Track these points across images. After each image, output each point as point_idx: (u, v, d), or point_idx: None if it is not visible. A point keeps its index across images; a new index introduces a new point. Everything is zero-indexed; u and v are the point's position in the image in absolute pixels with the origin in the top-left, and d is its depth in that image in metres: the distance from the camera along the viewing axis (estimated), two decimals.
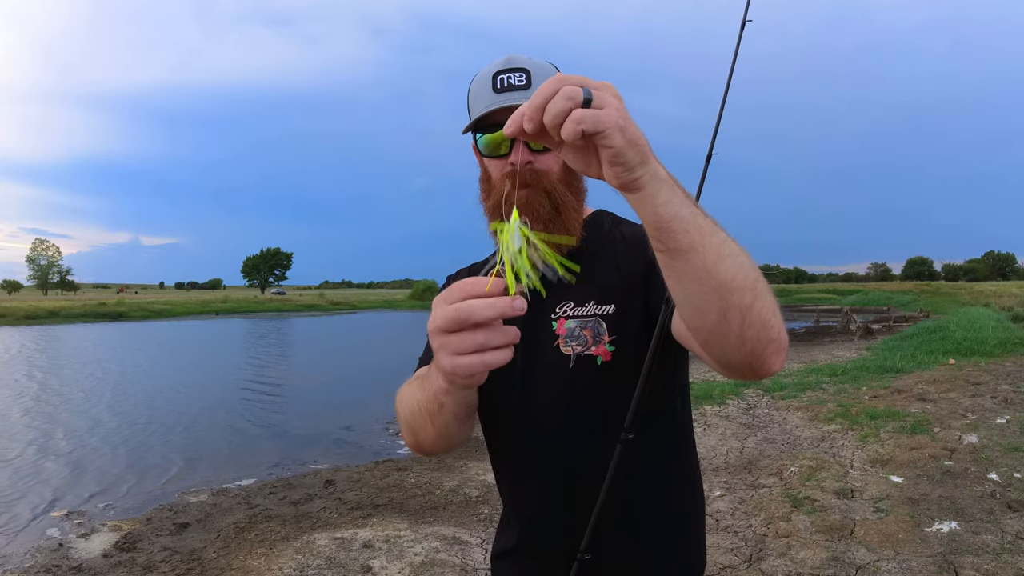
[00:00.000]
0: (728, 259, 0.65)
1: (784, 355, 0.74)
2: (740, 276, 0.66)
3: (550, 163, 1.01)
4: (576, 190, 1.04)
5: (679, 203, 0.63)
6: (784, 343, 0.72)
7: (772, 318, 0.69)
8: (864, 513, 4.01)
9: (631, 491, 1.02)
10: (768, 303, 0.68)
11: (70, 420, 9.39)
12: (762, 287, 0.68)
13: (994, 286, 51.99)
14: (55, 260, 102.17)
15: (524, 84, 0.97)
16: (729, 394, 8.37)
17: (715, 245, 0.65)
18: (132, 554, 4.20)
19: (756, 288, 0.67)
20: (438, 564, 3.63)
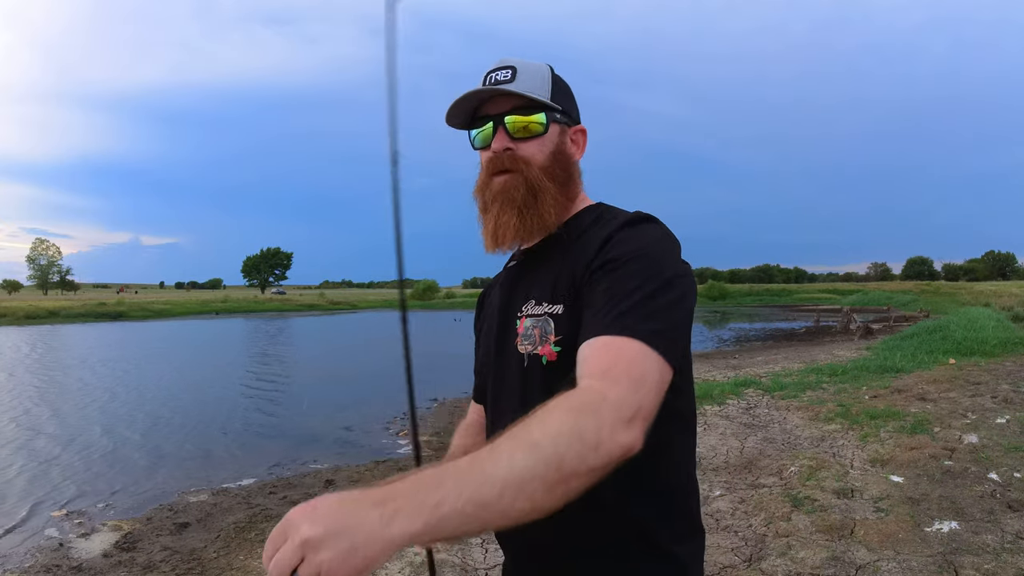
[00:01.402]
0: (481, 508, 0.62)
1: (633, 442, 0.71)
2: (500, 501, 0.63)
3: (532, 151, 1.03)
4: (559, 179, 1.04)
5: (418, 527, 0.60)
6: (629, 441, 0.71)
7: (535, 484, 0.64)
8: (864, 513, 4.01)
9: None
10: (526, 487, 0.64)
11: (70, 420, 9.38)
12: (511, 490, 0.63)
13: (994, 286, 52.00)
14: (55, 260, 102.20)
15: (509, 79, 1.01)
16: (729, 394, 8.37)
17: (464, 520, 0.61)
18: (132, 554, 4.20)
19: (506, 497, 0.63)
20: (438, 564, 3.63)
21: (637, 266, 0.88)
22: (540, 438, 0.66)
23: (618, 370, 0.77)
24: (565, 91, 1.08)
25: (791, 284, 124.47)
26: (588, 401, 0.72)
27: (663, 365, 0.81)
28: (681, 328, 0.88)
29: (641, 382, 0.77)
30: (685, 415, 1.01)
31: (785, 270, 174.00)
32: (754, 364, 12.68)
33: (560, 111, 1.05)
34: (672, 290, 0.87)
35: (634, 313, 0.83)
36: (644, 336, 0.81)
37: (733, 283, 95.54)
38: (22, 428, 8.84)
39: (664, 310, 0.85)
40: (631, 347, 0.80)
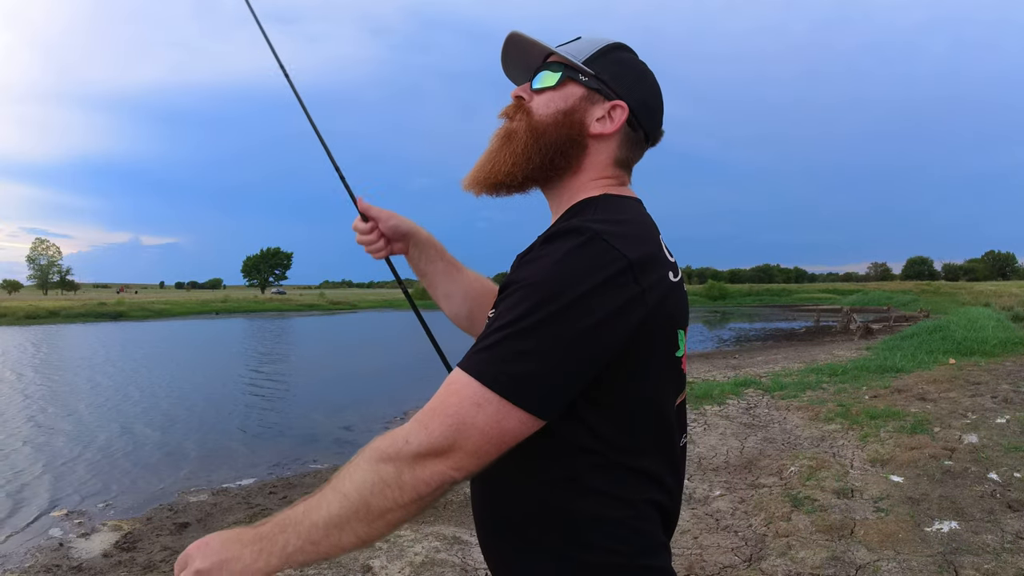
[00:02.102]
0: (316, 545, 0.77)
1: (446, 480, 0.77)
2: (328, 540, 0.77)
3: (538, 103, 0.98)
4: (549, 139, 0.96)
5: (275, 563, 0.78)
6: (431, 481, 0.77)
7: (353, 526, 0.76)
8: (864, 513, 4.01)
9: (481, 501, 0.97)
10: (390, 490, 0.76)
11: (70, 420, 9.39)
12: (335, 531, 0.77)
13: (994, 286, 51.99)
14: (55, 260, 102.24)
15: (567, 43, 1.01)
16: (729, 394, 8.38)
17: (307, 554, 0.77)
18: (132, 554, 4.20)
19: (332, 536, 0.77)
20: (438, 564, 3.63)
21: (517, 296, 0.80)
22: (348, 490, 0.77)
23: (434, 407, 0.78)
24: (617, 64, 0.99)
25: (791, 284, 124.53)
26: (389, 448, 0.77)
27: (499, 404, 0.76)
28: (553, 360, 0.77)
29: (455, 419, 0.76)
30: (599, 450, 0.85)
31: (785, 270, 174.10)
32: (754, 364, 12.68)
33: (591, 75, 0.96)
34: (548, 322, 0.76)
35: (487, 348, 0.78)
36: (478, 372, 0.77)
37: (733, 283, 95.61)
38: (22, 428, 8.84)
39: (527, 344, 0.76)
40: (459, 382, 0.78)
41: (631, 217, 0.92)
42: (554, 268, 0.80)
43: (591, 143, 0.98)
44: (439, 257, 1.30)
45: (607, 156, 0.99)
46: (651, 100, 1.01)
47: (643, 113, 1.00)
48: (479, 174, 1.00)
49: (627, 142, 1.00)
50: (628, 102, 0.97)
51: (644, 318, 0.82)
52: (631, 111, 0.98)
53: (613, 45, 1.00)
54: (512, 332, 0.78)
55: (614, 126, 0.97)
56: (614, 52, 1.00)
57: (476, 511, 0.99)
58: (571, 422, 0.84)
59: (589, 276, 0.79)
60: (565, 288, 0.78)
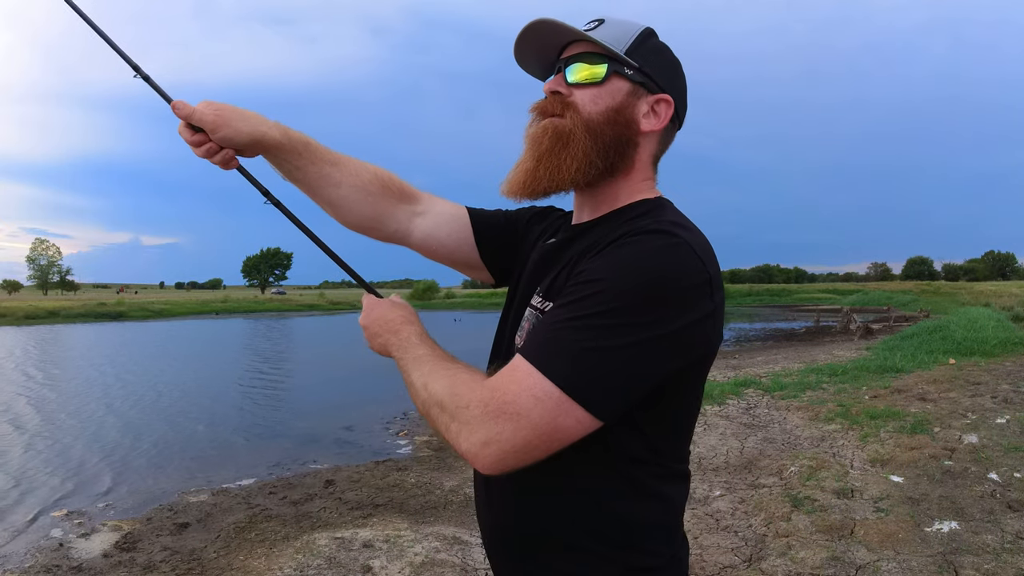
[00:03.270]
0: (415, 397, 0.89)
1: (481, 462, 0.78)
2: (420, 406, 0.88)
3: (584, 99, 0.91)
4: (604, 138, 0.90)
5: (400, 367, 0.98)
6: (472, 455, 0.78)
7: (447, 433, 0.82)
8: (864, 513, 4.01)
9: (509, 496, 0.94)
10: (441, 422, 0.83)
11: (70, 420, 9.39)
12: (435, 412, 0.84)
13: (994, 286, 52.01)
14: (55, 260, 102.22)
15: (592, 28, 0.92)
16: (729, 394, 8.37)
17: (410, 385, 0.91)
18: (132, 554, 4.20)
19: (430, 413, 0.85)
20: (438, 564, 3.63)
21: (594, 289, 0.77)
22: (432, 388, 0.85)
23: (495, 388, 0.78)
24: (655, 53, 0.93)
25: (791, 284, 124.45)
26: (454, 403, 0.81)
27: (560, 400, 0.74)
28: (623, 362, 0.74)
29: (512, 408, 0.75)
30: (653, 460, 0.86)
31: (785, 270, 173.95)
32: (754, 364, 12.68)
33: (636, 68, 0.91)
34: (626, 321, 0.74)
35: (556, 340, 0.76)
36: (542, 363, 0.75)
37: (733, 283, 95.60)
38: (22, 429, 8.84)
39: (599, 341, 0.74)
40: (521, 370, 0.77)
41: (697, 227, 0.87)
42: (641, 265, 0.76)
43: (640, 140, 0.93)
44: (308, 162, 1.10)
45: (650, 152, 0.95)
46: (685, 90, 0.98)
47: (682, 106, 0.97)
48: (530, 179, 0.92)
49: (666, 136, 0.97)
50: (672, 95, 0.93)
51: (713, 333, 0.82)
52: (676, 104, 0.94)
53: (647, 31, 0.94)
54: (585, 327, 0.75)
55: (661, 123, 0.93)
56: (650, 40, 0.94)
57: (501, 518, 0.96)
58: (629, 431, 0.83)
59: (676, 282, 0.76)
60: (651, 287, 0.75)
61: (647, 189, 0.95)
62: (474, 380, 0.82)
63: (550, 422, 0.75)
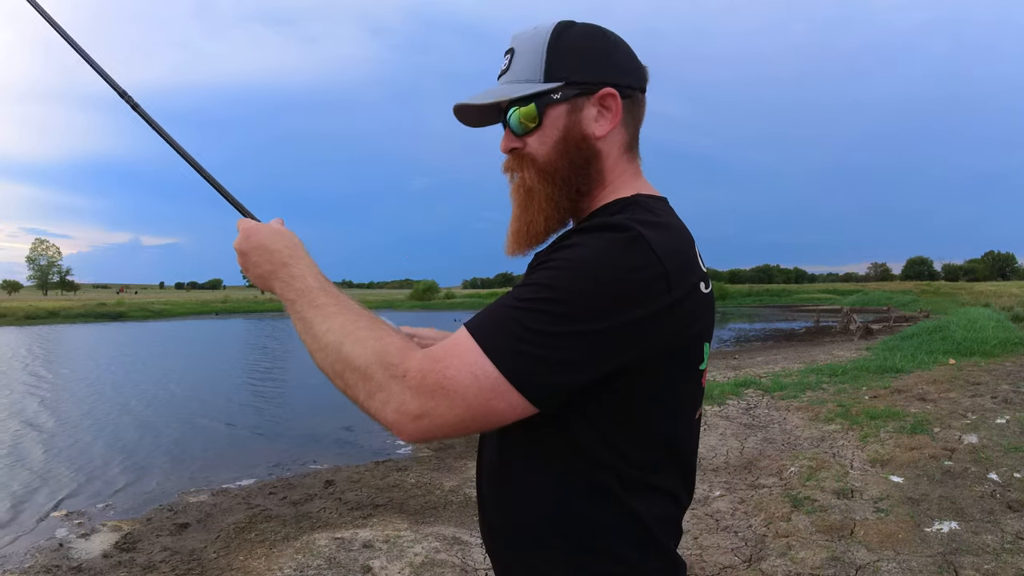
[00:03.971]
0: (319, 352, 0.83)
1: (408, 434, 0.76)
2: (326, 365, 0.82)
3: (535, 146, 0.90)
4: (564, 172, 0.90)
5: (287, 305, 0.90)
6: (400, 425, 0.76)
7: (368, 400, 0.78)
8: (864, 513, 4.01)
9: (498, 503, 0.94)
10: (360, 388, 0.78)
11: (70, 420, 9.38)
12: (350, 376, 0.79)
13: (994, 286, 52.03)
14: (55, 260, 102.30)
15: (505, 68, 0.92)
16: (729, 394, 8.37)
17: (312, 338, 0.84)
18: (132, 554, 4.20)
19: (343, 376, 0.80)
20: (438, 564, 3.63)
21: (545, 276, 0.77)
22: (349, 347, 0.80)
23: (436, 358, 0.76)
24: (572, 53, 0.89)
25: (791, 284, 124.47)
26: (391, 361, 0.77)
27: (496, 381, 0.73)
28: (566, 350, 0.74)
29: (449, 382, 0.74)
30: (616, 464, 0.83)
31: (785, 270, 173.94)
32: (754, 364, 12.68)
33: (562, 86, 0.88)
34: (572, 310, 0.74)
35: (500, 318, 0.76)
36: (485, 341, 0.75)
37: (733, 283, 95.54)
38: (21, 429, 8.84)
39: (543, 326, 0.73)
40: (463, 344, 0.76)
41: (671, 222, 0.86)
42: (591, 258, 0.76)
43: (601, 146, 0.90)
44: None
45: (618, 147, 0.92)
46: (628, 57, 0.92)
47: (629, 77, 0.91)
48: (518, 238, 0.94)
49: (630, 116, 0.92)
50: (609, 80, 0.88)
51: (671, 330, 0.79)
52: (618, 87, 0.89)
53: (556, 32, 0.89)
54: (531, 310, 0.75)
55: (615, 116, 0.89)
56: (562, 42, 0.89)
57: (489, 515, 0.97)
58: (589, 430, 0.82)
59: (625, 275, 0.75)
60: (599, 281, 0.75)
61: (624, 186, 0.93)
62: (407, 346, 0.78)
63: (484, 403, 0.74)
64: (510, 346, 0.74)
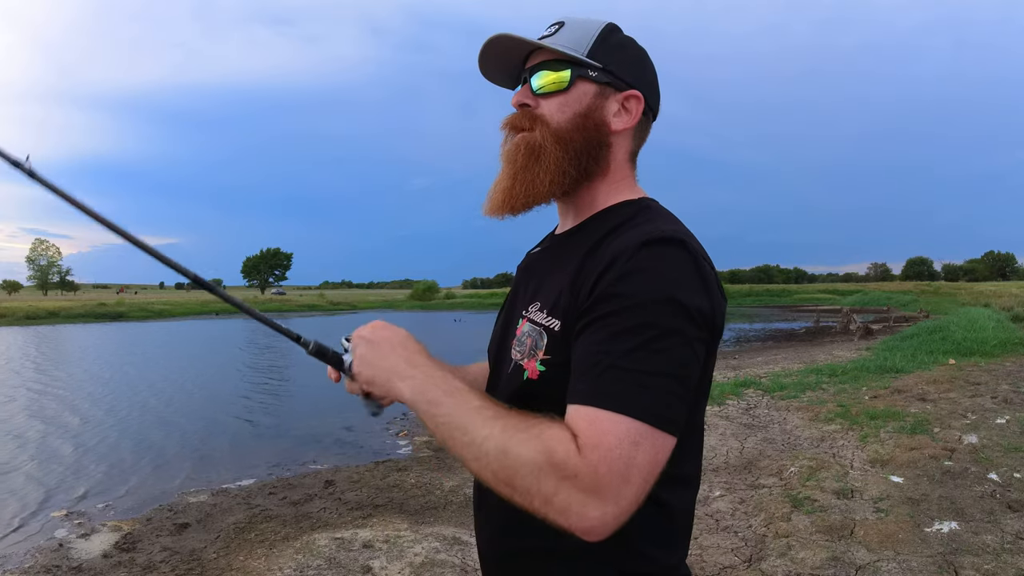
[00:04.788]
0: (478, 460, 0.76)
1: (593, 534, 0.70)
2: (487, 472, 0.76)
3: (552, 108, 0.91)
4: (575, 145, 0.90)
5: (410, 400, 0.84)
6: (602, 525, 0.70)
7: (546, 506, 0.72)
8: (864, 513, 4.01)
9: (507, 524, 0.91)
10: (515, 486, 0.73)
11: (70, 420, 9.38)
12: (503, 475, 0.74)
13: (994, 286, 52.06)
14: (55, 260, 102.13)
15: (552, 33, 0.93)
16: (729, 394, 8.37)
17: (468, 444, 0.77)
18: (132, 554, 4.20)
19: (506, 482, 0.74)
20: (438, 564, 3.63)
21: (633, 320, 0.75)
22: (515, 452, 0.73)
23: (604, 452, 0.70)
24: (619, 49, 0.93)
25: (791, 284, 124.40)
26: (569, 475, 0.71)
27: (654, 436, 0.72)
28: (680, 386, 0.75)
29: (620, 462, 0.70)
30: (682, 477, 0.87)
31: (785, 270, 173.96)
32: (754, 364, 12.68)
33: (600, 68, 0.90)
34: (673, 339, 0.75)
35: (622, 377, 0.73)
36: (624, 405, 0.72)
37: (733, 283, 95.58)
38: (21, 429, 8.84)
39: (658, 373, 0.73)
40: (606, 420, 0.72)
41: (688, 229, 0.88)
42: (667, 280, 0.77)
43: (613, 141, 0.93)
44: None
45: (625, 150, 0.95)
46: (656, 80, 0.97)
47: (653, 96, 0.96)
48: (508, 197, 0.92)
49: (640, 130, 0.96)
50: (641, 90, 0.93)
51: (715, 333, 0.83)
52: (645, 99, 0.93)
53: (609, 28, 0.93)
54: (643, 355, 0.73)
55: (633, 119, 0.92)
56: (613, 36, 0.93)
57: (495, 519, 0.94)
58: None
59: (697, 290, 0.78)
60: (680, 301, 0.76)
61: (627, 189, 0.95)
62: (563, 437, 0.73)
63: (651, 461, 0.72)
64: (645, 396, 0.72)
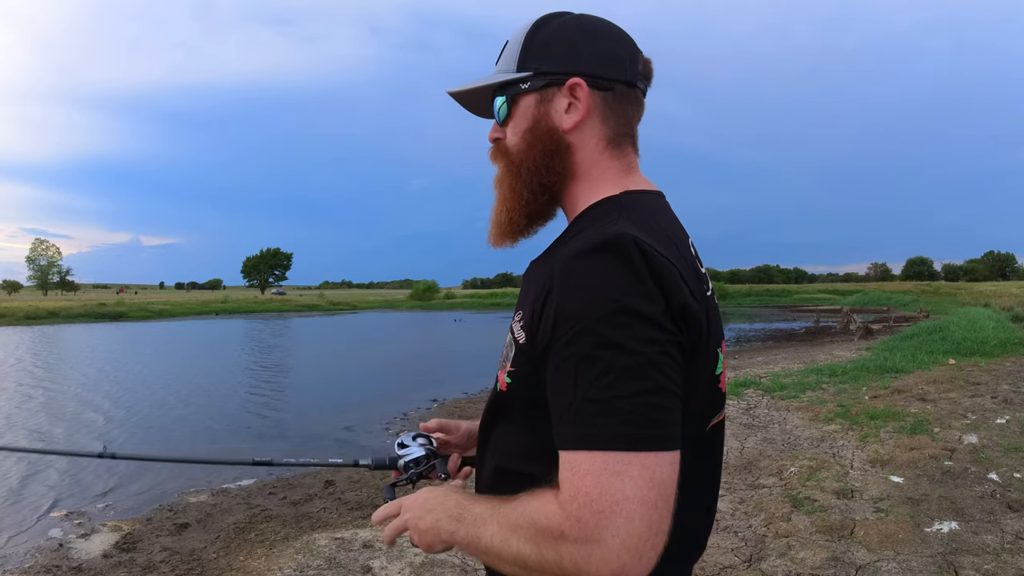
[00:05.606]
0: (494, 564, 0.78)
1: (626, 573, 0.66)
2: (507, 569, 0.76)
3: (509, 136, 0.91)
4: (531, 164, 0.87)
5: (461, 544, 0.82)
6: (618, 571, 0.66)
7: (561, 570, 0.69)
8: (864, 513, 4.01)
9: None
10: (532, 570, 0.72)
11: (69, 420, 9.38)
12: (522, 569, 0.73)
13: (994, 286, 52.09)
14: (55, 260, 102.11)
15: (499, 56, 0.93)
16: (729, 394, 8.37)
17: (487, 561, 0.80)
18: (132, 554, 4.20)
19: (521, 572, 0.74)
20: (438, 564, 3.63)
21: (586, 345, 0.69)
22: (515, 546, 0.73)
23: (572, 494, 0.67)
24: (548, 43, 0.87)
25: (791, 284, 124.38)
26: (547, 534, 0.70)
27: (639, 459, 0.66)
28: (659, 397, 0.69)
29: (601, 502, 0.66)
30: None
31: (785, 270, 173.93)
32: (754, 364, 12.68)
33: (531, 75, 0.87)
34: (631, 363, 0.68)
35: (595, 411, 0.68)
36: (608, 443, 0.67)
37: (733, 283, 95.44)
38: (22, 428, 8.84)
39: (627, 395, 0.67)
40: (580, 462, 0.67)
41: (663, 223, 0.82)
42: (608, 291, 0.70)
43: (573, 139, 0.87)
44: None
45: (595, 141, 0.87)
46: (610, 48, 0.87)
47: (608, 68, 0.86)
48: (494, 229, 0.93)
49: (609, 110, 0.87)
50: (580, 71, 0.85)
51: (685, 328, 0.74)
52: (589, 78, 0.85)
53: (536, 25, 0.89)
54: (606, 381, 0.68)
55: (584, 106, 0.85)
56: (539, 33, 0.88)
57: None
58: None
59: (645, 291, 0.70)
60: (630, 309, 0.69)
61: (609, 183, 0.87)
62: (544, 501, 0.71)
63: (647, 483, 0.66)
64: (620, 424, 0.67)
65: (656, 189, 0.91)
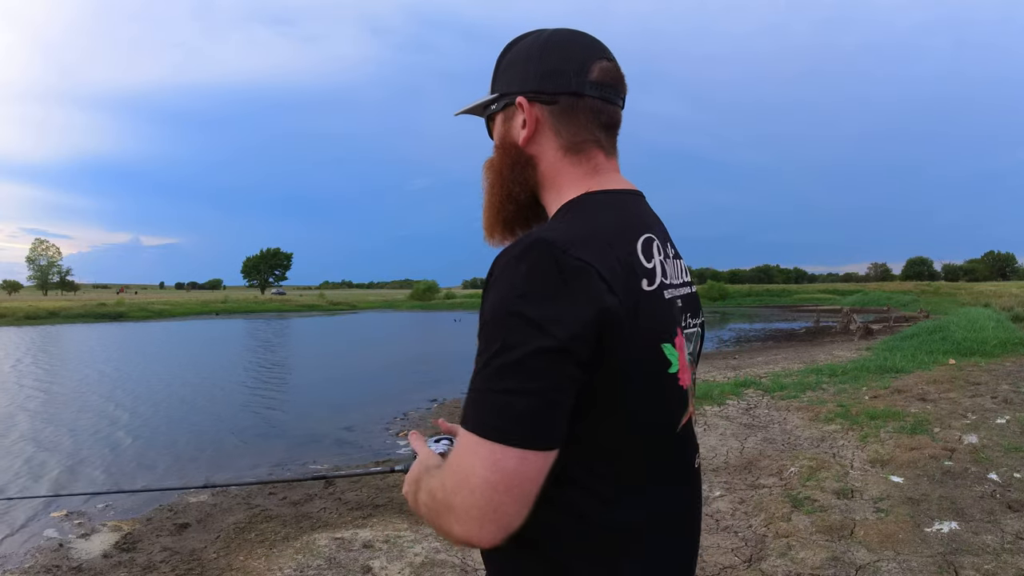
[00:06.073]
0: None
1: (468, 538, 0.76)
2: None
3: (493, 152, 0.99)
4: (501, 177, 0.95)
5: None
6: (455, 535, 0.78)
7: (434, 520, 0.82)
8: (864, 513, 4.01)
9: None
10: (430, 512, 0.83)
11: (70, 420, 9.38)
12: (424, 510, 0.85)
13: (994, 286, 52.08)
14: (55, 260, 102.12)
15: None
16: (729, 394, 8.37)
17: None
18: (132, 554, 4.20)
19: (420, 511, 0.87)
20: (438, 564, 3.63)
21: (485, 339, 0.77)
22: (427, 497, 0.84)
23: (450, 472, 0.78)
24: (509, 64, 0.95)
25: (791, 284, 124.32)
26: (433, 497, 0.82)
27: (490, 448, 0.73)
28: (534, 399, 0.73)
29: (459, 474, 0.76)
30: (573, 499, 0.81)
31: (785, 270, 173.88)
32: (754, 364, 12.68)
33: (496, 97, 0.96)
34: (515, 362, 0.73)
35: (473, 399, 0.77)
36: (470, 422, 0.76)
37: (733, 283, 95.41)
38: (22, 428, 8.84)
39: (504, 389, 0.73)
40: (463, 442, 0.77)
41: (608, 220, 0.84)
42: (513, 292, 0.75)
43: (532, 152, 0.92)
44: None
45: (553, 151, 0.91)
46: (555, 64, 0.90)
47: (549, 83, 0.90)
48: (483, 232, 1.01)
49: (559, 121, 0.90)
50: (525, 89, 0.91)
51: (606, 335, 0.75)
52: (532, 94, 0.90)
53: (505, 48, 0.97)
54: (491, 373, 0.75)
55: (531, 121, 0.91)
56: (506, 55, 0.96)
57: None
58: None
59: (546, 298, 0.74)
60: (523, 314, 0.74)
61: (571, 187, 0.91)
62: (437, 475, 0.83)
63: (492, 471, 0.73)
64: (485, 412, 0.75)
65: (627, 187, 0.93)
